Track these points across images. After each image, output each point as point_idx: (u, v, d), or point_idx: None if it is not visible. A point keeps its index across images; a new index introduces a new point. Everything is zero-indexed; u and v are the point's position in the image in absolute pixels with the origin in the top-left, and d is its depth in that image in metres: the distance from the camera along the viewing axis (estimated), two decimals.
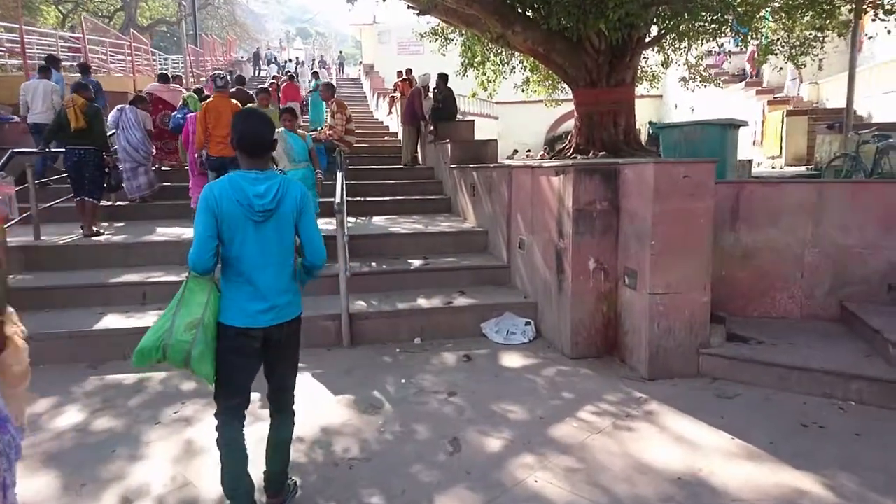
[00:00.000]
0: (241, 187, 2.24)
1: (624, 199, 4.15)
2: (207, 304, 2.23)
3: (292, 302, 2.39)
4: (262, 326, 2.28)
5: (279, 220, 2.30)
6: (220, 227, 2.23)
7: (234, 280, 2.30)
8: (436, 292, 5.23)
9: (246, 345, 2.29)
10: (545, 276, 4.75)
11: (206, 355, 2.22)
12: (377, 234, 6.21)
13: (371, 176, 9.24)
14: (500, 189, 5.83)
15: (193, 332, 2.18)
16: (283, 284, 2.34)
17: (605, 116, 10.11)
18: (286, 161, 5.53)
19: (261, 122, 2.35)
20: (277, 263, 2.32)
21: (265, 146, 2.34)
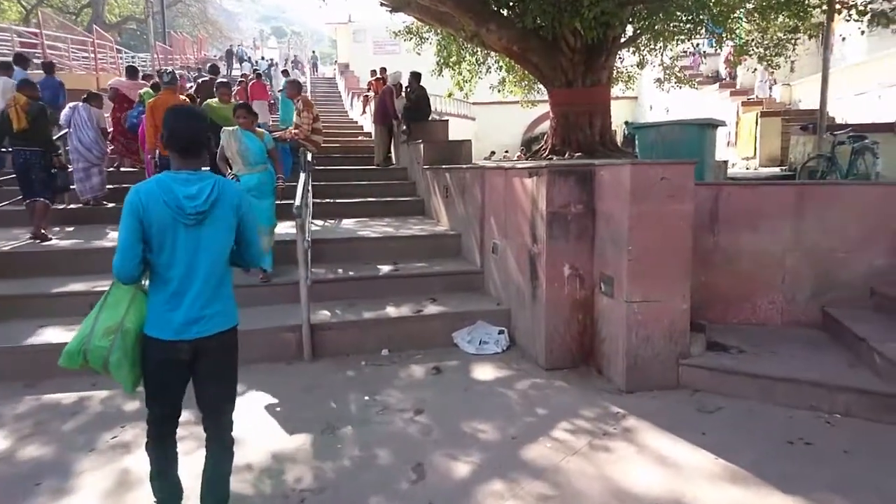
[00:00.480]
0: (171, 189, 2.04)
1: (600, 201, 3.95)
2: (128, 311, 2.12)
3: (223, 312, 2.17)
4: (189, 339, 2.09)
5: (214, 223, 2.10)
6: (147, 233, 2.04)
7: (161, 288, 2.11)
8: (406, 300, 4.97)
9: (172, 359, 2.12)
10: (519, 282, 4.53)
11: (124, 363, 2.10)
12: (345, 237, 5.93)
13: (342, 177, 8.94)
14: (473, 191, 5.59)
15: (111, 338, 2.08)
16: (214, 293, 2.14)
17: (580, 117, 9.98)
18: (241, 164, 4.94)
19: (192, 119, 2.16)
20: (209, 271, 2.12)
21: (197, 144, 2.13)
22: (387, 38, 24.31)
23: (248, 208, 2.22)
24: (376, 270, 5.37)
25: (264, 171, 5.01)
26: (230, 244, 2.20)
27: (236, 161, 4.93)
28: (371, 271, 5.33)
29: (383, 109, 9.80)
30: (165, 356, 2.11)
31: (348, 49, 31.97)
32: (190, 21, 42.85)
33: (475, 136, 28.59)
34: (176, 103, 6.35)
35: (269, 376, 4.04)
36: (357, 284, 5.12)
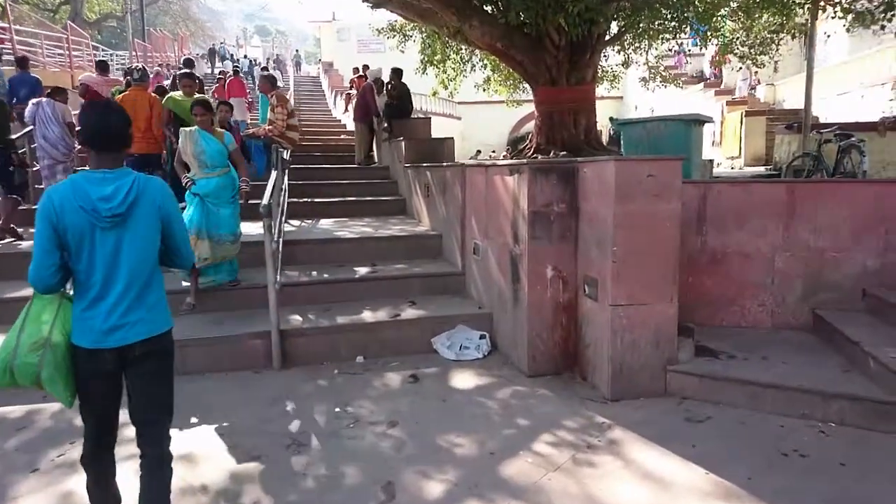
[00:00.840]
0: (84, 190, 1.88)
1: (583, 200, 3.77)
2: (54, 323, 1.97)
3: (149, 318, 2.02)
4: (111, 347, 1.96)
5: (134, 225, 1.95)
6: (64, 238, 1.89)
7: (83, 295, 1.98)
8: (383, 303, 4.75)
9: (98, 368, 1.99)
10: (500, 284, 4.34)
11: (57, 378, 1.96)
12: (321, 238, 5.69)
13: (322, 175, 8.69)
14: (453, 190, 5.39)
15: (39, 353, 1.94)
16: (138, 299, 1.99)
17: (565, 115, 9.85)
18: (197, 168, 4.45)
19: (107, 113, 2.00)
20: (131, 275, 1.97)
21: (114, 140, 1.97)
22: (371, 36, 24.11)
23: (172, 207, 2.08)
24: (353, 273, 5.14)
25: (224, 176, 4.51)
26: (155, 246, 2.04)
27: (192, 164, 4.48)
28: (347, 273, 5.10)
29: (364, 107, 9.57)
30: (91, 366, 1.98)
31: (332, 48, 31.64)
32: (172, 19, 42.25)
33: (461, 135, 28.45)
34: (155, 101, 6.14)
35: (234, 386, 3.81)
36: (332, 288, 4.89)
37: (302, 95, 23.22)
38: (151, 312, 2.03)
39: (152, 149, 5.94)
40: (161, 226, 2.03)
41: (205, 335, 4.11)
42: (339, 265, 5.39)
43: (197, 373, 4.01)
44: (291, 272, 5.11)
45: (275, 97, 6.37)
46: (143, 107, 5.71)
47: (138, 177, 1.98)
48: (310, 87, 26.18)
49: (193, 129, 4.49)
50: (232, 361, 4.09)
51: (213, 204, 4.39)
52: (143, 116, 5.72)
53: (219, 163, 4.47)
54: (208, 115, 4.52)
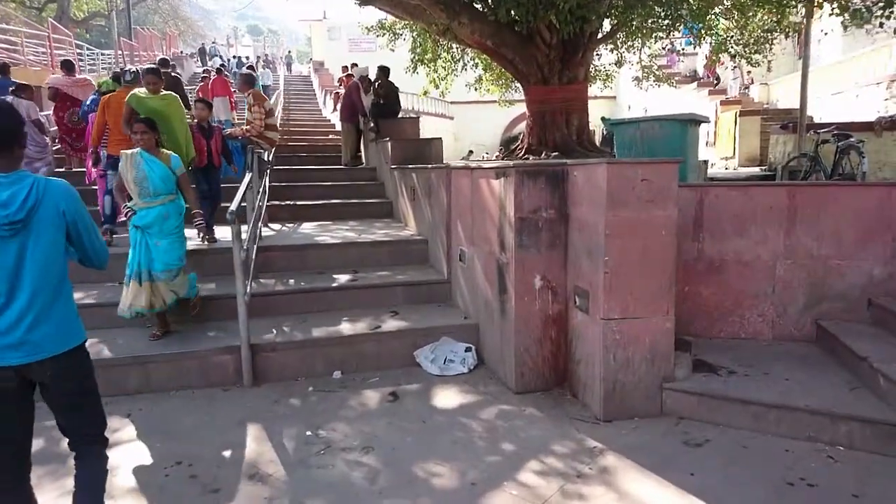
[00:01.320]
0: None
1: (573, 206, 3.52)
2: None
3: (57, 334, 1.83)
4: (13, 365, 1.79)
5: (37, 231, 1.78)
6: None
7: None
8: (364, 313, 4.50)
9: None
10: (487, 294, 4.09)
11: None
12: (299, 244, 5.42)
13: (306, 177, 8.43)
14: (438, 193, 5.15)
15: None
16: (45, 311, 1.81)
17: (557, 115, 9.64)
18: (137, 196, 3.88)
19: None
20: (36, 286, 1.78)
21: (2, 140, 1.77)
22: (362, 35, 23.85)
23: (76, 209, 1.89)
24: (333, 280, 4.88)
25: (168, 203, 3.95)
26: (61, 253, 1.86)
27: (133, 192, 3.90)
28: (326, 281, 4.84)
29: (350, 106, 9.32)
30: None
31: (323, 47, 31.30)
32: (162, 18, 41.80)
33: (454, 135, 28.22)
34: None
35: (200, 406, 3.55)
36: (309, 297, 4.63)
37: (292, 95, 22.97)
38: (63, 326, 1.85)
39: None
40: (67, 230, 1.85)
41: (170, 350, 3.84)
42: (318, 272, 5.13)
43: (162, 391, 3.75)
44: (267, 280, 4.85)
45: (251, 96, 6.10)
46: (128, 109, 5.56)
47: (37, 180, 1.80)
48: (300, 87, 25.90)
49: (135, 152, 3.91)
50: (200, 378, 3.83)
51: (153, 235, 3.88)
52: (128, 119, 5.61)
53: (163, 190, 3.92)
54: (151, 134, 3.94)
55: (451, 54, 13.22)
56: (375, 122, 8.68)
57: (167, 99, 5.02)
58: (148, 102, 4.87)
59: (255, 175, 5.46)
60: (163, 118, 4.69)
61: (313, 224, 6.69)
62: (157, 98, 4.96)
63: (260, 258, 5.08)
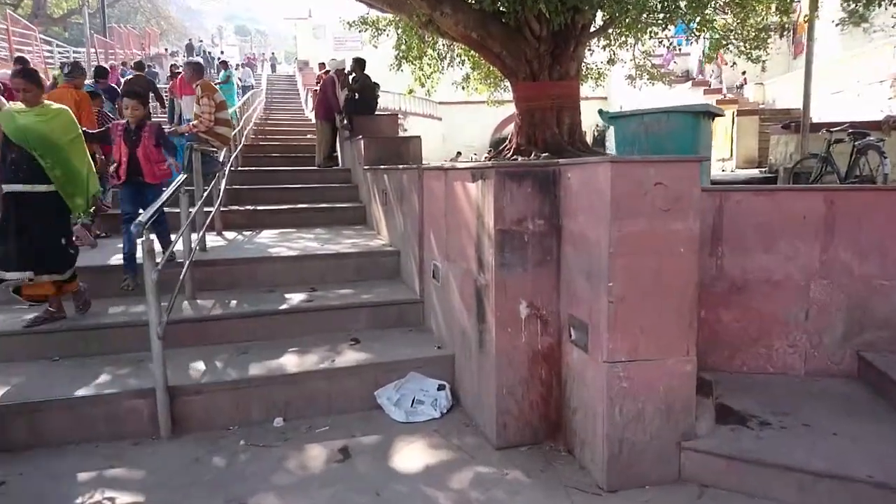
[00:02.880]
0: None
1: (567, 216, 2.82)
2: None
3: None
4: None
5: None
6: None
7: None
8: (317, 343, 3.77)
9: None
10: (463, 321, 3.39)
11: None
12: (249, 257, 4.68)
13: (273, 179, 7.70)
14: (410, 198, 4.44)
15: None
16: None
17: (547, 113, 9.00)
18: None
19: None
20: None
21: None
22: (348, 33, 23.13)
23: None
24: (282, 301, 4.14)
25: None
26: None
27: None
28: (275, 303, 4.10)
29: (325, 102, 8.60)
30: None
31: (308, 46, 30.52)
32: (145, 17, 40.90)
33: (442, 136, 27.52)
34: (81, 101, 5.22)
35: (98, 467, 2.80)
36: (253, 323, 3.89)
37: (275, 94, 22.42)
38: None
39: None
40: None
41: (69, 394, 3.09)
42: (269, 290, 4.40)
43: (57, 445, 3.00)
44: (205, 301, 4.11)
45: (200, 87, 5.35)
46: (70, 105, 4.81)
47: None
48: (284, 87, 25.28)
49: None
50: (106, 429, 3.09)
51: None
52: None
53: None
54: None
55: (437, 51, 12.64)
56: (349, 119, 7.95)
57: (48, 114, 3.55)
58: (17, 120, 3.46)
59: (199, 177, 4.73)
60: (43, 142, 3.47)
61: (274, 232, 5.95)
62: (33, 113, 3.51)
63: (200, 274, 4.34)
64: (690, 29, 11.50)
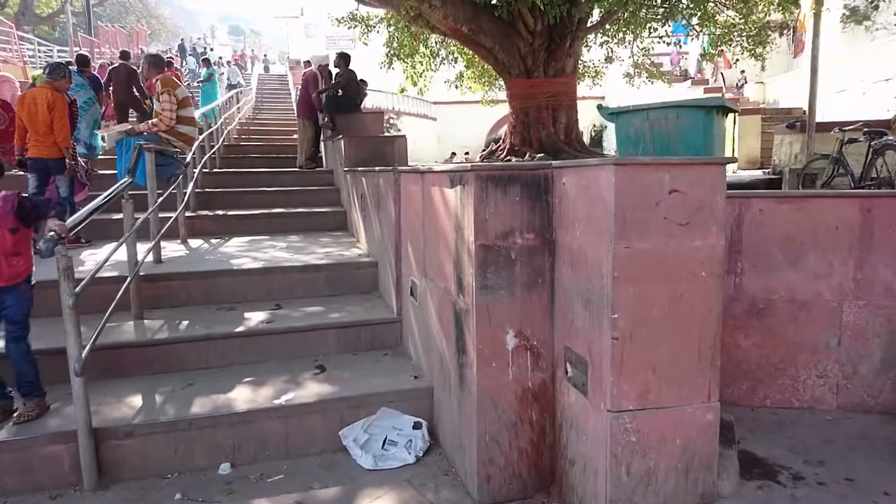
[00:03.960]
0: None
1: (562, 229, 2.36)
2: None
3: None
4: None
5: None
6: None
7: None
8: (276, 371, 3.30)
9: None
10: (442, 348, 2.92)
11: None
12: (208, 270, 4.18)
13: (250, 181, 7.21)
14: (386, 203, 3.96)
15: None
16: None
17: (542, 112, 8.57)
18: None
19: None
20: None
21: None
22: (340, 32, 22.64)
23: None
24: (241, 322, 3.66)
25: None
26: None
27: None
28: (231, 323, 3.61)
29: (306, 99, 8.12)
30: None
31: (300, 44, 30.01)
32: (136, 17, 40.39)
33: (437, 137, 27.05)
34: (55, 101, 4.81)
35: None
36: (205, 348, 3.41)
37: (265, 94, 22.01)
38: None
39: (54, 153, 5.00)
40: None
41: None
42: (229, 308, 3.92)
43: None
44: (154, 321, 3.62)
45: (160, 82, 4.85)
46: (42, 108, 4.86)
47: None
48: (275, 86, 24.80)
49: None
50: (20, 480, 2.61)
51: None
52: (41, 119, 4.88)
53: None
54: None
55: (429, 49, 12.23)
56: (331, 118, 7.47)
57: None
58: None
59: (152, 181, 4.24)
60: None
61: (245, 240, 5.46)
62: None
63: (150, 290, 3.87)
64: (691, 25, 11.12)
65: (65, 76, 5.12)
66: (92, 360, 2.69)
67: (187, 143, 5.09)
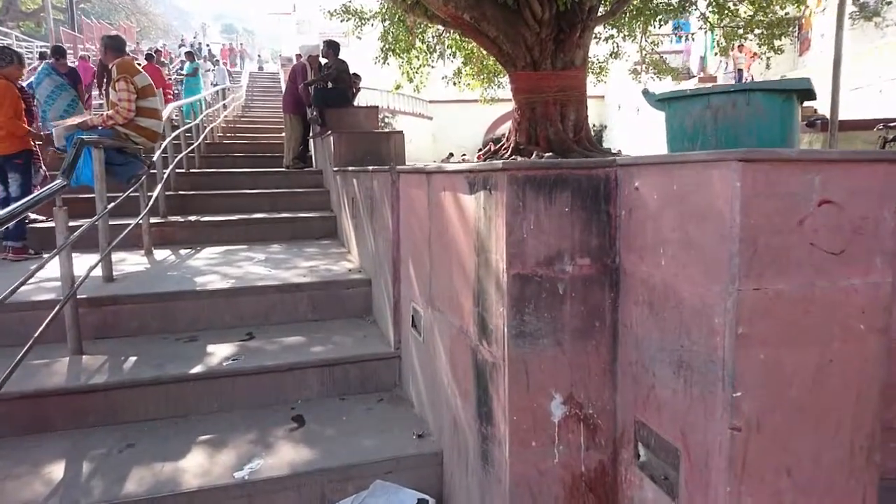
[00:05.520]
0: None
1: (633, 253, 1.65)
2: None
3: None
4: None
5: None
6: None
7: None
8: (243, 425, 2.59)
9: None
10: (456, 408, 2.22)
11: None
12: (165, 291, 3.44)
13: (231, 183, 6.50)
14: (382, 210, 3.26)
15: None
16: None
17: (550, 107, 7.91)
18: None
19: None
20: None
21: None
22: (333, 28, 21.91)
23: None
24: (201, 359, 2.94)
25: None
26: None
27: None
28: (189, 361, 2.89)
29: (294, 93, 7.41)
30: None
31: (293, 41, 29.23)
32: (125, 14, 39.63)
33: (433, 136, 26.35)
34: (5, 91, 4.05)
35: None
36: (153, 395, 2.69)
37: (256, 92, 21.44)
38: None
39: (12, 148, 4.38)
40: None
41: None
42: (189, 338, 3.20)
43: None
44: (95, 358, 2.90)
45: (116, 67, 4.12)
46: None
47: None
48: (266, 84, 24.15)
49: None
50: None
51: None
52: None
53: None
54: None
55: (425, 44, 11.62)
56: (320, 112, 6.75)
57: None
58: None
59: (101, 183, 3.52)
60: None
61: (219, 250, 4.75)
62: None
63: (95, 317, 3.16)
64: (705, 17, 10.54)
65: (13, 62, 4.43)
66: (5, 411, 1.99)
67: (150, 138, 4.35)
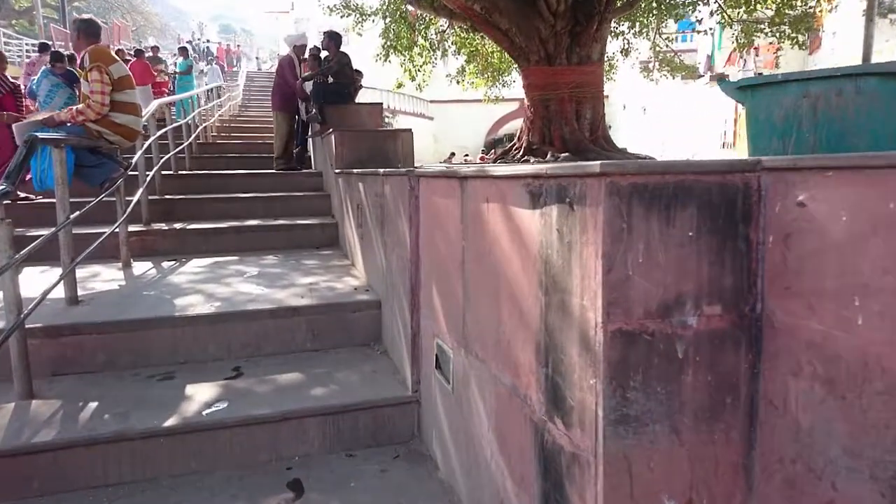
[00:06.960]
0: None
1: (790, 298, 1.10)
2: None
3: None
4: None
5: None
6: None
7: None
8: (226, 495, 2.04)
9: None
10: (505, 490, 1.67)
11: None
12: (136, 318, 2.87)
13: (221, 187, 5.95)
14: (396, 222, 2.71)
15: None
16: None
17: (565, 104, 7.42)
18: None
19: None
20: None
21: None
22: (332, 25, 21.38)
23: None
24: (176, 405, 2.38)
25: None
26: None
27: None
28: (162, 408, 2.34)
29: (281, 88, 6.87)
30: None
31: None
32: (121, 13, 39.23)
33: (433, 136, 25.82)
34: None
35: None
36: (114, 454, 2.13)
37: (253, 91, 21.03)
38: None
39: None
40: None
41: None
42: (164, 375, 2.65)
43: None
44: (50, 403, 2.35)
45: (88, 55, 3.55)
46: None
47: None
48: (264, 83, 23.64)
49: None
50: None
51: None
52: None
53: None
54: None
55: (428, 41, 11.20)
56: (320, 109, 6.20)
57: None
58: None
59: (62, 187, 2.97)
60: None
61: (207, 262, 4.20)
62: None
63: (53, 349, 2.61)
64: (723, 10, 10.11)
65: None
66: None
67: (127, 136, 3.80)
